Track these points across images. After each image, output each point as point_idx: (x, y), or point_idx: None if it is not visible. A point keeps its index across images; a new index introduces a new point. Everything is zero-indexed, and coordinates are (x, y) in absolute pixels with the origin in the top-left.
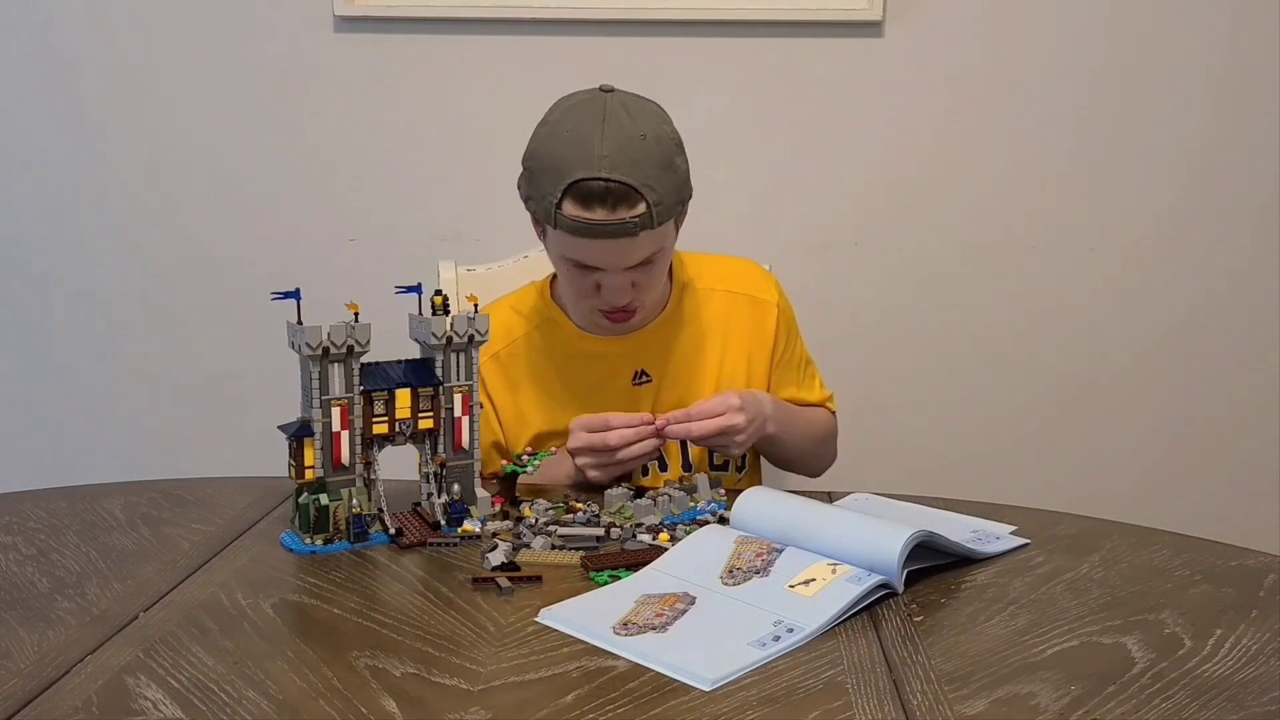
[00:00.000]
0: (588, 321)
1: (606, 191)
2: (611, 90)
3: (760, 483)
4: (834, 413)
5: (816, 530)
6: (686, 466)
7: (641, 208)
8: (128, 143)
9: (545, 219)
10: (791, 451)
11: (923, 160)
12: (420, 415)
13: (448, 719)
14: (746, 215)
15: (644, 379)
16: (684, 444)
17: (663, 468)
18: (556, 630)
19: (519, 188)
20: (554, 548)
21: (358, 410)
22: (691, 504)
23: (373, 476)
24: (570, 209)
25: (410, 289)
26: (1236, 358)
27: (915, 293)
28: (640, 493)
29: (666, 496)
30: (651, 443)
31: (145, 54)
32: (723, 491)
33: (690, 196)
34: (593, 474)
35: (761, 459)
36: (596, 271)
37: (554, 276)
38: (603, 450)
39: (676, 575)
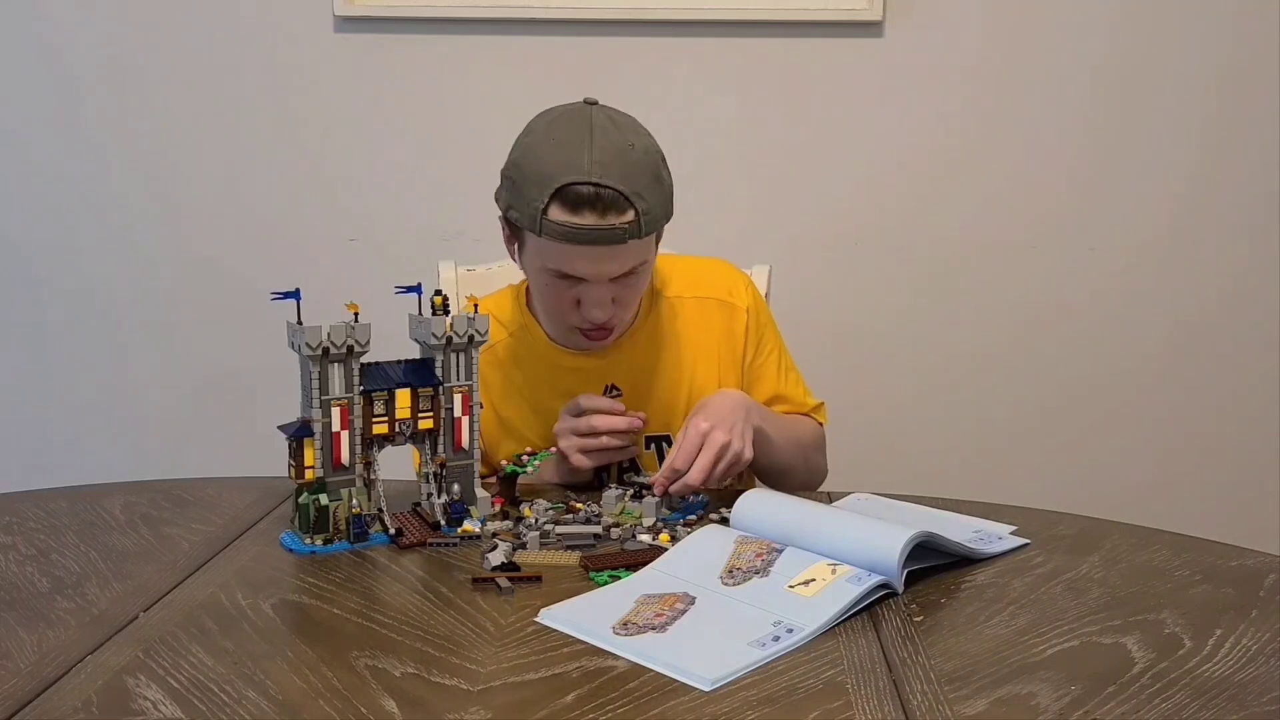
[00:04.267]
0: (562, 335)
1: (597, 197)
2: (595, 103)
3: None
4: (821, 425)
5: (816, 530)
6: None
7: (630, 215)
8: (127, 143)
9: (530, 226)
10: (780, 455)
11: (923, 160)
12: (420, 415)
13: (448, 719)
14: (747, 215)
15: (615, 393)
16: (660, 452)
17: (637, 473)
18: (556, 630)
19: (497, 199)
20: (553, 547)
21: (358, 410)
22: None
23: (373, 476)
24: (558, 214)
25: (410, 289)
26: (1237, 357)
27: (916, 292)
28: (638, 494)
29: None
30: (626, 421)
31: (145, 54)
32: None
33: (672, 214)
34: (576, 458)
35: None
36: (577, 285)
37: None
38: (587, 433)
39: (676, 575)
